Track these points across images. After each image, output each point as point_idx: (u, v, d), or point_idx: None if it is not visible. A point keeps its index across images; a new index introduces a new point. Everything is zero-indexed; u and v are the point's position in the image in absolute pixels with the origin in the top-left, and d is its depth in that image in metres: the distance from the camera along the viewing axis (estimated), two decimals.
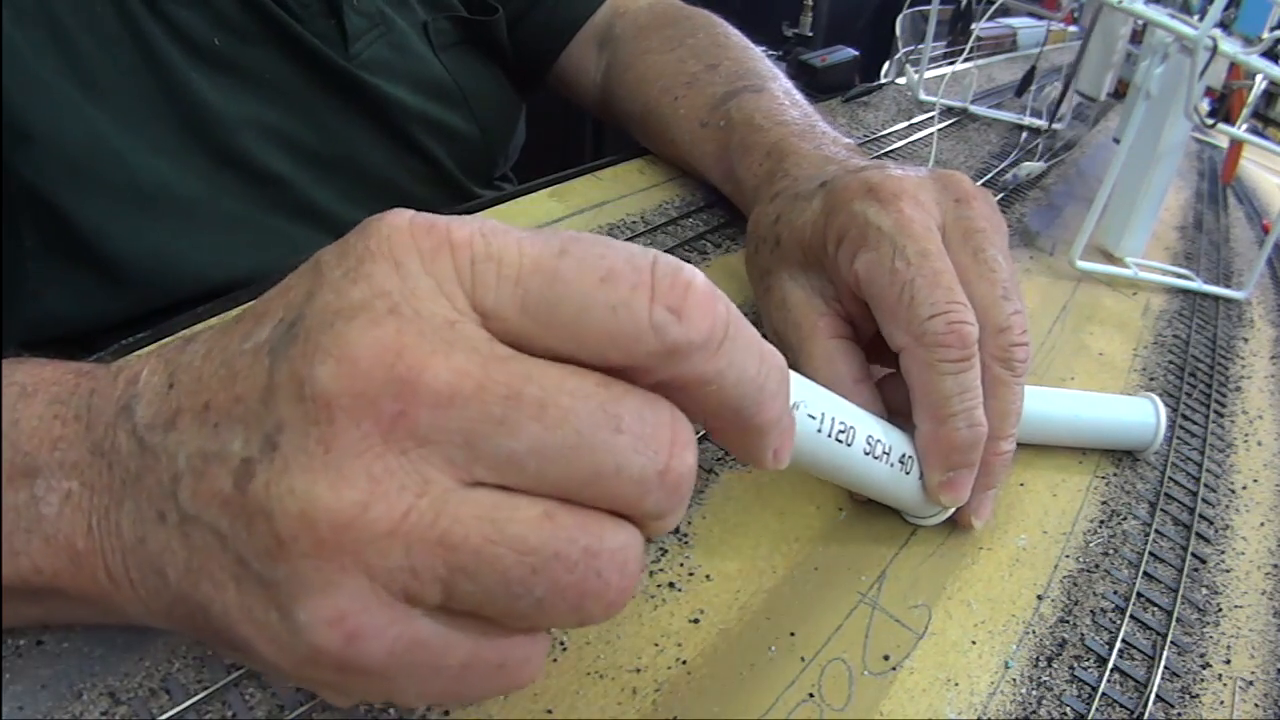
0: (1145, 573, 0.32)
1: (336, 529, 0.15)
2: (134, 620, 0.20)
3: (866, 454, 0.27)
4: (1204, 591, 0.32)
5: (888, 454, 0.28)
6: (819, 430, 0.25)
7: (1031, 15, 0.95)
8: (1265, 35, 0.46)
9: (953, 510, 0.30)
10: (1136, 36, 0.69)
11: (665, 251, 0.47)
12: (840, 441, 0.26)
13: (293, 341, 0.16)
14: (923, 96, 0.73)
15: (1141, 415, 0.37)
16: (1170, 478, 0.37)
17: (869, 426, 0.27)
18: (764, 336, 0.36)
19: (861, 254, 0.30)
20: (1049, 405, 0.35)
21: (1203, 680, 0.29)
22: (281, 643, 0.16)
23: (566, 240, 0.16)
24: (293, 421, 0.15)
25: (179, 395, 0.18)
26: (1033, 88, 0.76)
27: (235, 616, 0.16)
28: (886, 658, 0.27)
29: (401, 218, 0.17)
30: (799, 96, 0.48)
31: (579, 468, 0.16)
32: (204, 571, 0.17)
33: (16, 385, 0.20)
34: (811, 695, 0.25)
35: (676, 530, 0.30)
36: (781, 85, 0.48)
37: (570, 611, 0.16)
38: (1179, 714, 0.27)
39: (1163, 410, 0.36)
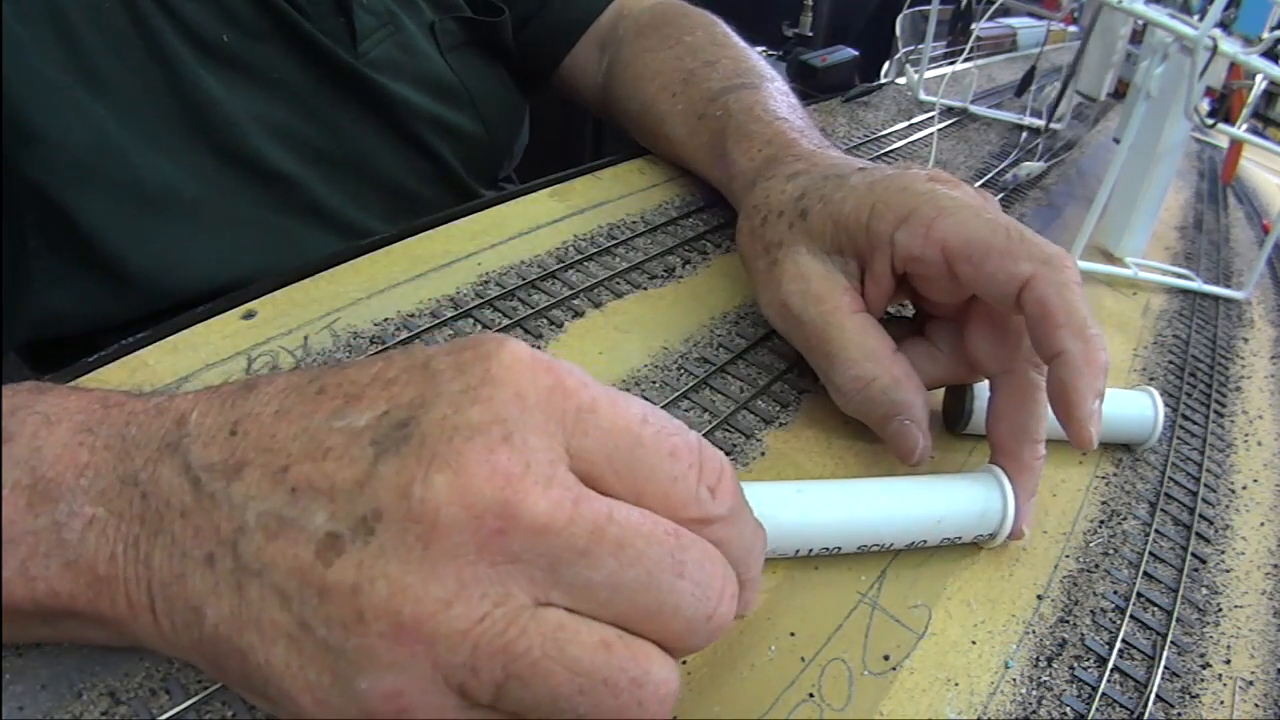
0: (1145, 573, 0.32)
1: (418, 619, 0.16)
2: (147, 646, 0.20)
3: (862, 550, 0.29)
4: (1204, 591, 0.32)
5: (892, 544, 0.29)
6: (795, 554, 0.28)
7: (1031, 15, 0.95)
8: (1265, 35, 0.46)
9: (1010, 526, 0.30)
10: (1136, 36, 0.69)
11: (666, 252, 0.47)
12: (826, 553, 0.29)
13: (404, 441, 0.17)
14: (923, 96, 0.73)
15: (1140, 409, 0.37)
16: (1170, 478, 0.37)
17: (861, 536, 0.28)
18: (763, 308, 0.36)
19: (941, 221, 0.30)
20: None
21: (1203, 680, 0.29)
22: (329, 704, 0.17)
23: (646, 410, 0.19)
24: (393, 514, 0.17)
25: (245, 447, 0.18)
26: (1033, 88, 0.76)
27: (280, 671, 0.17)
28: (886, 658, 0.27)
29: (522, 350, 0.19)
30: (795, 100, 0.48)
31: (643, 603, 0.18)
32: (253, 622, 0.17)
33: (40, 414, 0.21)
34: (811, 695, 0.25)
35: None
36: (779, 86, 0.48)
37: None
38: (1179, 714, 0.27)
39: (1161, 403, 0.36)
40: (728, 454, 0.33)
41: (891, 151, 0.63)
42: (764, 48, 1.02)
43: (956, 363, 0.34)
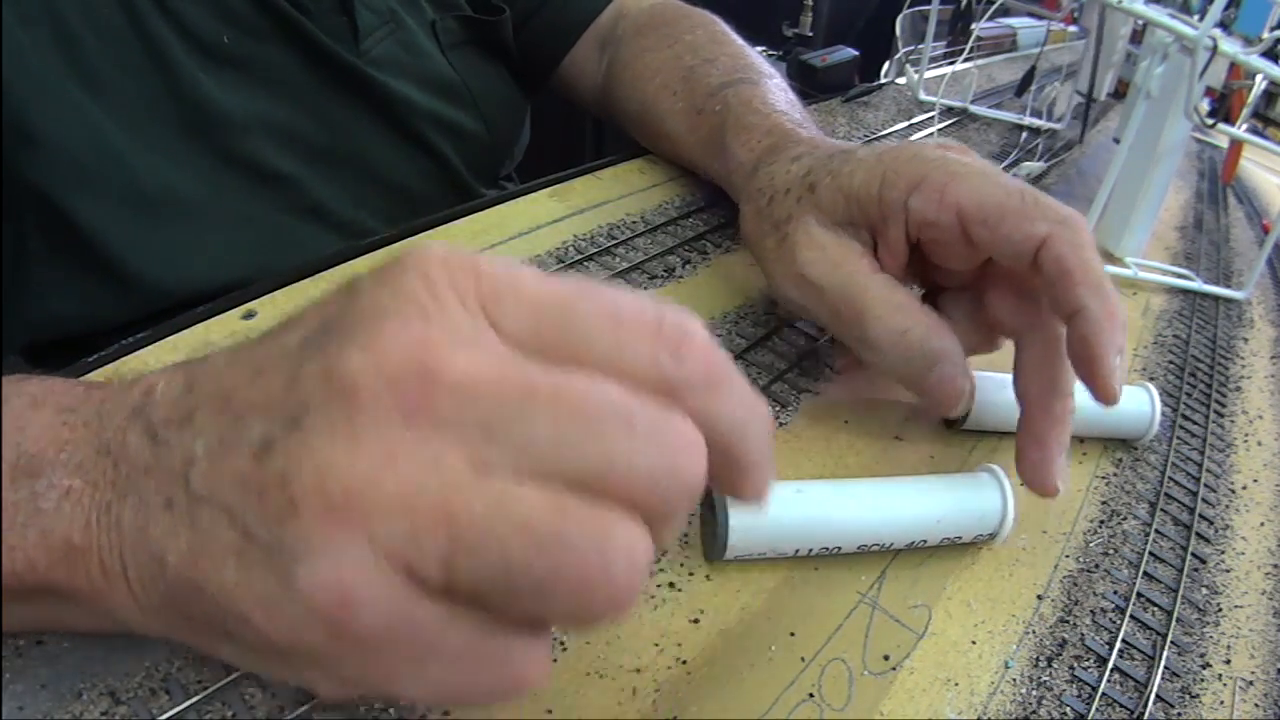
0: (1145, 573, 0.32)
1: (348, 494, 0.15)
2: (122, 621, 0.20)
3: (862, 550, 0.29)
4: (1204, 591, 0.32)
5: (892, 544, 0.29)
6: (795, 554, 0.28)
7: (1031, 15, 0.95)
8: (1265, 35, 0.46)
9: (1010, 526, 0.30)
10: (1136, 36, 0.69)
11: (666, 252, 0.47)
12: (826, 553, 0.29)
13: (326, 338, 0.17)
14: (923, 96, 0.73)
15: (1137, 404, 0.37)
16: (1170, 478, 0.37)
17: (861, 536, 0.28)
18: (774, 288, 0.36)
19: (955, 185, 0.31)
20: None
21: (1203, 680, 0.29)
22: (278, 611, 0.16)
23: (586, 284, 0.18)
24: (317, 402, 0.16)
25: (198, 396, 0.19)
26: (1033, 88, 0.76)
27: (230, 591, 0.17)
28: (886, 658, 0.27)
29: (438, 245, 0.18)
30: (794, 96, 0.48)
31: (592, 458, 0.16)
32: (205, 551, 0.17)
33: (27, 396, 0.21)
34: (811, 695, 0.25)
35: None
36: (778, 83, 0.48)
37: (573, 599, 0.16)
38: (1179, 714, 0.27)
39: (1158, 398, 0.37)
40: None
41: None
42: (764, 48, 1.02)
43: (972, 332, 0.34)
